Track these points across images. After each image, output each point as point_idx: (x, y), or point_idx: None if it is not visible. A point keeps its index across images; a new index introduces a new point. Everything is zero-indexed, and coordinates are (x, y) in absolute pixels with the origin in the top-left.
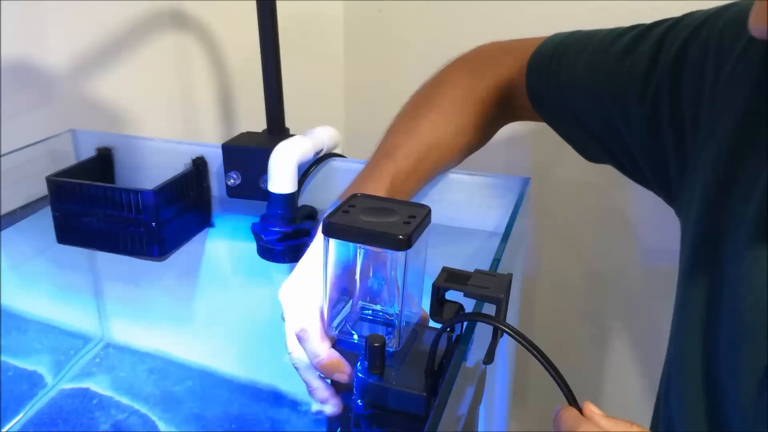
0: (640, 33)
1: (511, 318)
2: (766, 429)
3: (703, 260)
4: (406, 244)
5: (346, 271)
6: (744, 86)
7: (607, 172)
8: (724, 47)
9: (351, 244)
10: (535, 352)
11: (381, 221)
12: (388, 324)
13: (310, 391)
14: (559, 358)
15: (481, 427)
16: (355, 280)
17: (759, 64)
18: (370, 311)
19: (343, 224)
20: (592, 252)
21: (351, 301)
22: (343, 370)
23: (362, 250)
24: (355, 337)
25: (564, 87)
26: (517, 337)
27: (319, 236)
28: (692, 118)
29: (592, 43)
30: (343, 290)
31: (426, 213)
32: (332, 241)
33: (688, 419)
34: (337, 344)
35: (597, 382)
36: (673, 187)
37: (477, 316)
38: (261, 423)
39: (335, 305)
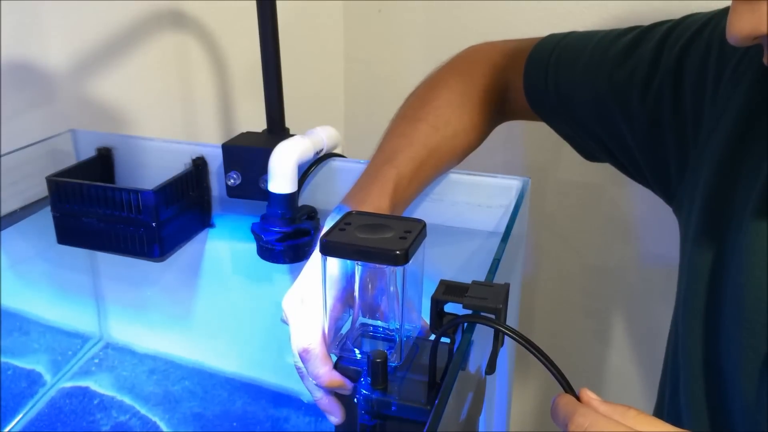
0: (640, 34)
1: (511, 318)
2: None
3: (706, 253)
4: (403, 259)
5: (345, 288)
6: (745, 84)
7: (606, 171)
8: (726, 47)
9: (349, 261)
10: (526, 344)
11: (377, 237)
12: (389, 339)
13: (315, 400)
14: (559, 357)
15: (481, 427)
16: (355, 297)
17: (757, 65)
18: (371, 327)
19: (340, 242)
20: (592, 251)
21: (351, 317)
22: (346, 387)
23: (360, 266)
24: (357, 354)
25: (563, 87)
26: (512, 334)
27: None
28: (694, 116)
29: (590, 44)
30: (343, 307)
31: (421, 227)
32: (330, 259)
33: (692, 409)
34: (339, 362)
35: (597, 381)
36: (672, 186)
37: (470, 318)
38: (262, 422)
39: (336, 322)
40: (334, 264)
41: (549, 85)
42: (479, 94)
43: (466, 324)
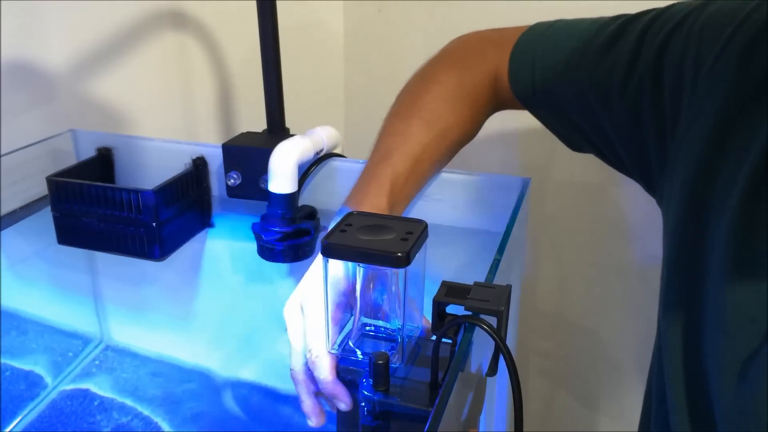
0: (623, 24)
1: (511, 318)
2: (749, 415)
3: (684, 255)
4: (404, 261)
5: (347, 289)
6: (722, 83)
7: (606, 171)
8: (704, 43)
9: (350, 263)
10: (505, 354)
11: (379, 239)
12: (391, 339)
13: (300, 402)
14: (558, 357)
15: (481, 427)
16: (356, 298)
17: (737, 60)
18: (373, 327)
19: (342, 244)
20: (591, 251)
21: (353, 318)
22: (344, 401)
23: (362, 268)
24: (359, 354)
25: (547, 78)
26: (497, 338)
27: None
28: (672, 112)
29: (574, 34)
30: (346, 309)
31: (423, 228)
32: (332, 261)
33: (676, 408)
34: (340, 363)
35: (596, 381)
36: (653, 179)
37: (466, 318)
38: (262, 424)
39: (339, 324)
40: (336, 266)
41: (535, 74)
42: (470, 86)
43: (467, 324)
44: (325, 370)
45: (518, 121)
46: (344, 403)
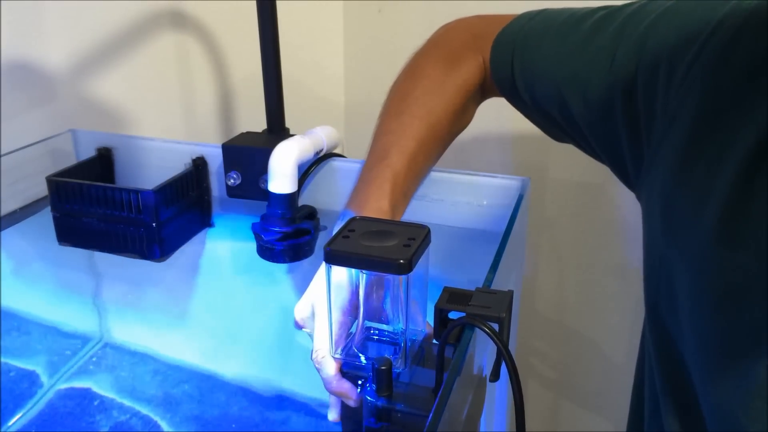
0: (599, 21)
1: (512, 319)
2: (733, 417)
3: (664, 266)
4: (407, 268)
5: (351, 294)
6: (696, 94)
7: (606, 171)
8: (677, 50)
9: (353, 270)
10: (508, 360)
11: (381, 245)
12: (394, 343)
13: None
14: (558, 358)
15: (482, 427)
16: (359, 304)
17: (712, 69)
18: (376, 332)
19: (344, 251)
20: (591, 251)
21: (356, 323)
22: (351, 398)
23: (365, 274)
24: (363, 359)
25: (525, 72)
26: (499, 343)
27: None
28: (647, 119)
29: (552, 29)
30: (350, 313)
31: (425, 234)
32: (335, 267)
33: (666, 408)
34: (343, 367)
35: (597, 381)
36: (630, 178)
37: (468, 319)
38: (261, 424)
39: (344, 328)
40: (339, 271)
41: (514, 70)
42: (457, 77)
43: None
44: (330, 370)
45: (517, 122)
46: (351, 400)
